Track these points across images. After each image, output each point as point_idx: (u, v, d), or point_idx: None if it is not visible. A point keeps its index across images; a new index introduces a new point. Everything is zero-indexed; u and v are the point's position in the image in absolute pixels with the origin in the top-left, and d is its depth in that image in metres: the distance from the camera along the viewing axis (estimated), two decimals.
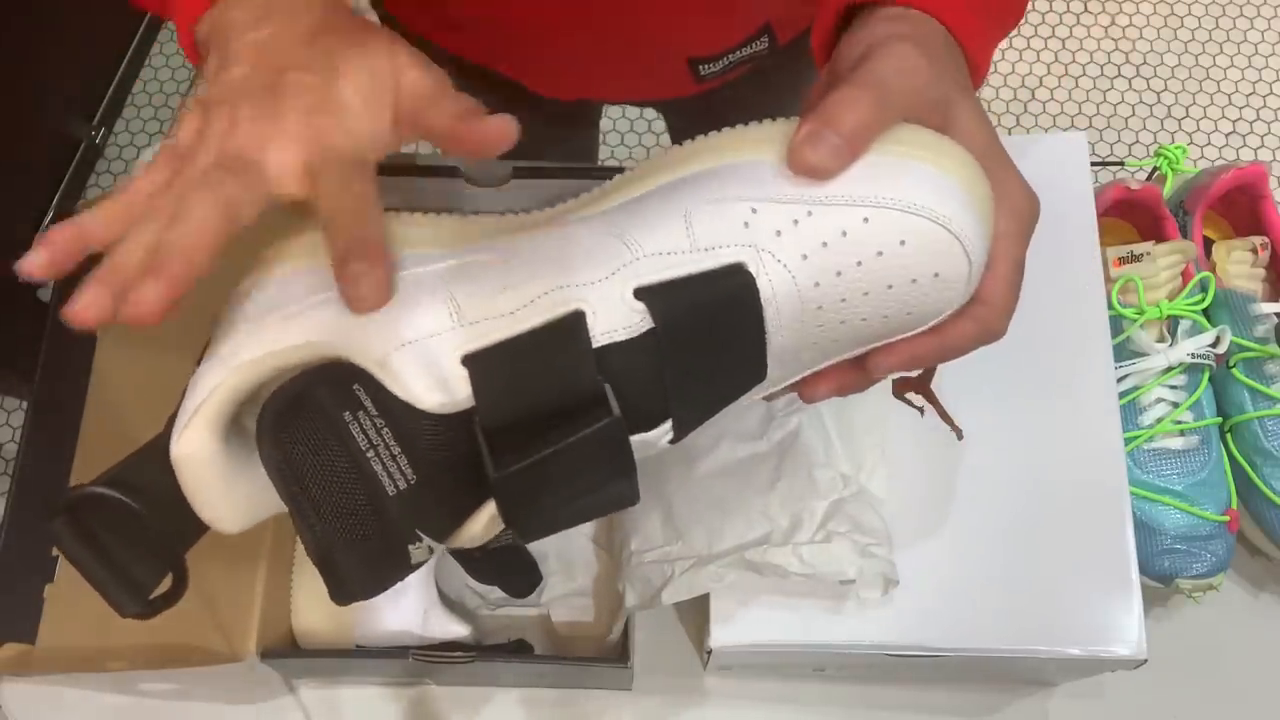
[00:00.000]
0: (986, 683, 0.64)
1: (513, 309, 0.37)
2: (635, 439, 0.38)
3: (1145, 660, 0.55)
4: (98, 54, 1.64)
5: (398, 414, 0.37)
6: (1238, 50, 1.66)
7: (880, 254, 0.36)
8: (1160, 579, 0.63)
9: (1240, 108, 1.63)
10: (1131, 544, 0.56)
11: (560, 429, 0.36)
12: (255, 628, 0.55)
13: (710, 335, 0.37)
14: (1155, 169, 0.76)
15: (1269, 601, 0.68)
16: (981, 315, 0.39)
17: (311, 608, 0.59)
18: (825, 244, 0.36)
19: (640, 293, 0.37)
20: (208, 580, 0.57)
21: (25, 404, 1.43)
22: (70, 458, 0.62)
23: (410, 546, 0.38)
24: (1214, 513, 0.64)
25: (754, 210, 0.36)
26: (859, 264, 0.36)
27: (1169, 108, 1.63)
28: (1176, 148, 0.75)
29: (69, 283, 0.35)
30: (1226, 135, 1.61)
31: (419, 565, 0.39)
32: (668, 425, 0.39)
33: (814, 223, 0.36)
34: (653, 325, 0.37)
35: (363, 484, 0.37)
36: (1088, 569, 0.56)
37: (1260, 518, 0.65)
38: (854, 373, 0.41)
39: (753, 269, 0.36)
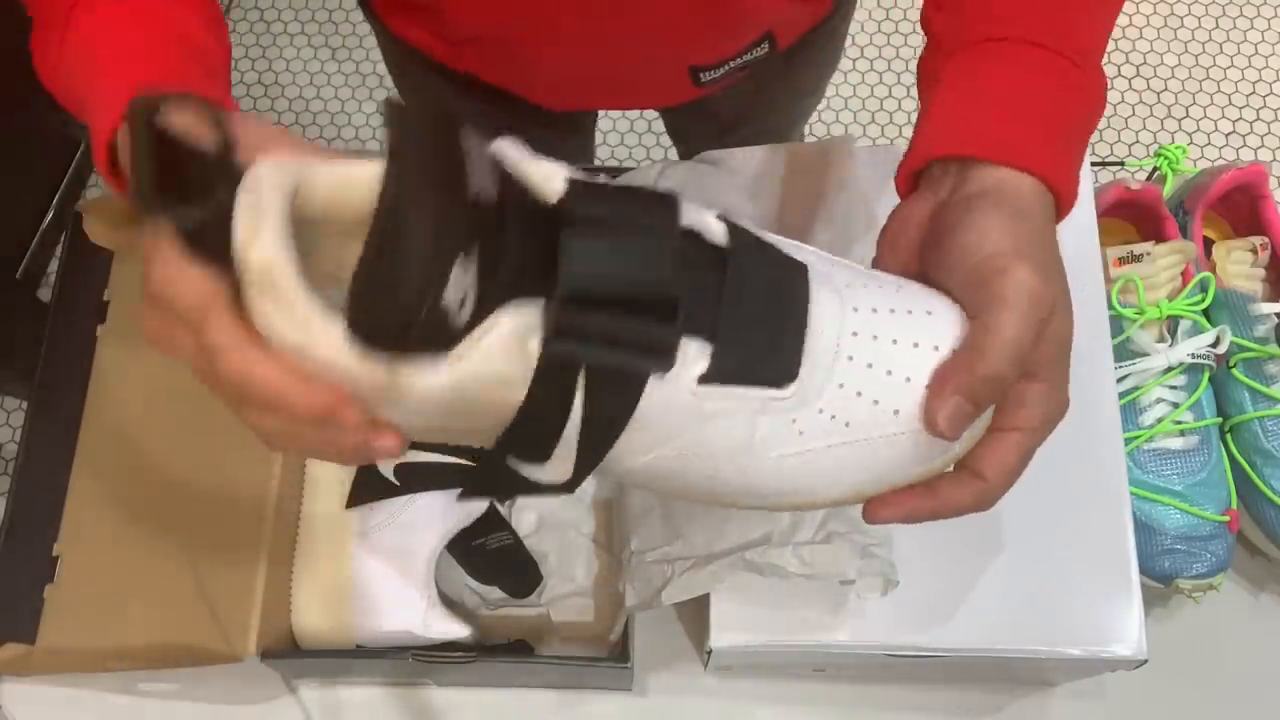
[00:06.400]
0: (986, 683, 0.64)
1: None
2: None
3: (1145, 660, 0.55)
4: None
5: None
6: (1238, 50, 1.66)
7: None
8: (1160, 579, 0.63)
9: (1240, 108, 1.63)
10: (1131, 544, 0.56)
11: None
12: (255, 628, 0.55)
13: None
14: (1155, 169, 0.76)
15: (1269, 601, 0.68)
16: (979, 490, 0.39)
17: (311, 608, 0.59)
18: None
19: None
20: (208, 580, 0.57)
21: (25, 404, 1.43)
22: (70, 458, 0.62)
23: None
24: (1214, 513, 0.64)
25: None
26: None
27: (1169, 108, 1.63)
28: (1176, 148, 0.75)
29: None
30: (1226, 135, 1.61)
31: None
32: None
33: None
34: None
35: None
36: (1088, 569, 0.56)
37: (1260, 518, 0.65)
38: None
39: None
